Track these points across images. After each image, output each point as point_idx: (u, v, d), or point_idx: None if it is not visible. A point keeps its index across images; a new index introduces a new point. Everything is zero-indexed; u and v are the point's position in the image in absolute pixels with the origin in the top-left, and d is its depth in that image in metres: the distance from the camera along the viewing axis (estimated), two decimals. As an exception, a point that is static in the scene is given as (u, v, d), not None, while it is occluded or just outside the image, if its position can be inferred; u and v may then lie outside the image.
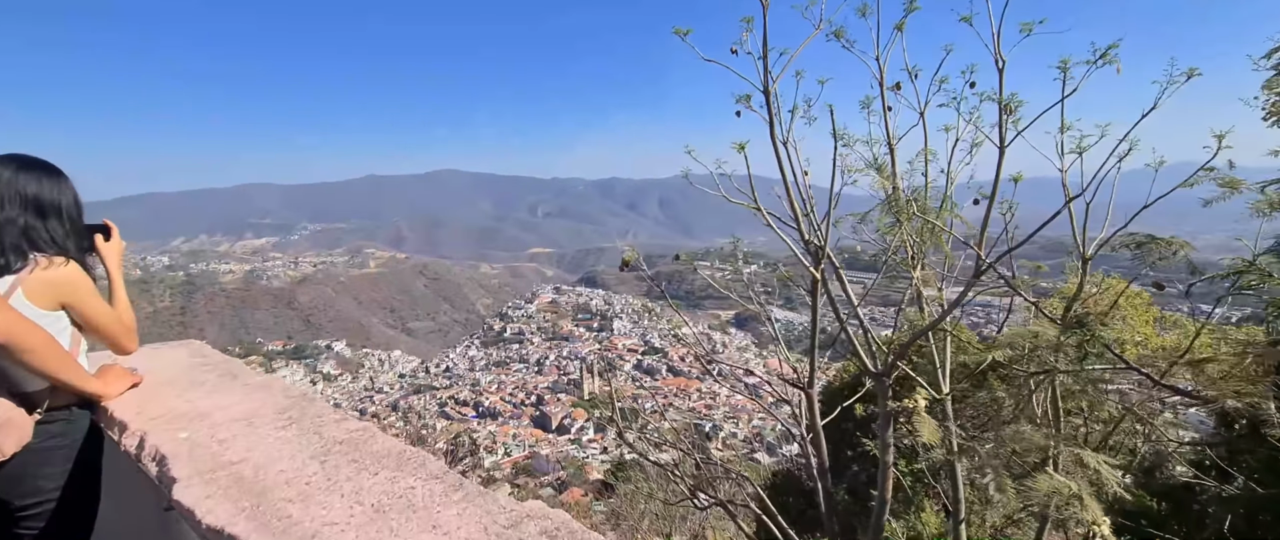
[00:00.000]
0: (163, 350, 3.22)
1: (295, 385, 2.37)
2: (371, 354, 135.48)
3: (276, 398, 2.16)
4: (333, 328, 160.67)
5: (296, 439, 1.80)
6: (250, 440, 1.82)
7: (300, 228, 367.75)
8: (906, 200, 2.59)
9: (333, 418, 1.96)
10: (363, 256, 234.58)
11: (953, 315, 3.41)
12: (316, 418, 1.96)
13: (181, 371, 2.66)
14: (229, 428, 1.92)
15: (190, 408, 2.13)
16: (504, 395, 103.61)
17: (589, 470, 70.76)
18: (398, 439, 1.81)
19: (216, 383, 2.44)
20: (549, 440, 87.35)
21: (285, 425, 1.91)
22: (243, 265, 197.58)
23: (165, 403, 2.21)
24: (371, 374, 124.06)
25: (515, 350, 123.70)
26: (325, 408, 2.02)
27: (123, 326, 2.36)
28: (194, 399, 2.23)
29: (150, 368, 2.67)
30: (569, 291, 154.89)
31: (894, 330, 4.51)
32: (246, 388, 2.32)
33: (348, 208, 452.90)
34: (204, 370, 2.66)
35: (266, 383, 2.38)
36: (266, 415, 1.99)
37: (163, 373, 2.64)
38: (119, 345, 2.33)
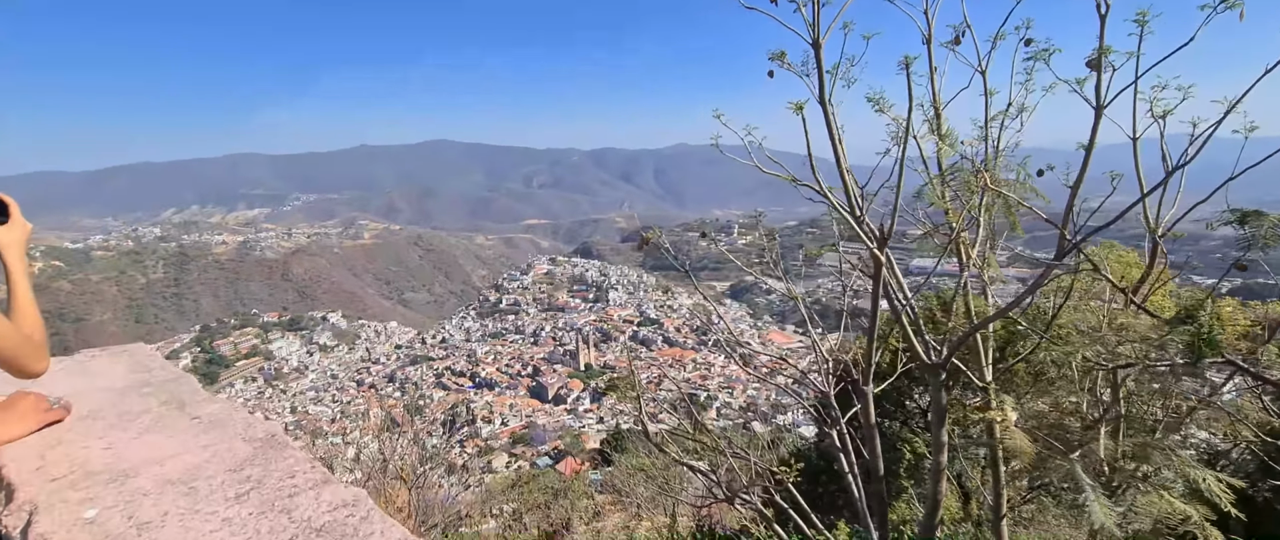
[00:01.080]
0: (97, 361, 2.51)
1: (257, 421, 1.79)
2: (367, 325, 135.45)
3: (233, 444, 1.61)
4: (328, 299, 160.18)
5: (254, 520, 1.29)
6: (186, 524, 1.29)
7: (292, 198, 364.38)
8: (975, 170, 2.31)
9: (310, 479, 1.44)
10: (356, 228, 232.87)
11: (991, 297, 3.27)
12: (287, 479, 1.43)
13: (112, 397, 2.03)
14: (160, 499, 1.36)
15: (111, 460, 1.56)
16: (500, 366, 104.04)
17: (585, 439, 71.66)
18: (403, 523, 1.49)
19: (156, 416, 1.84)
20: (545, 410, 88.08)
21: (241, 494, 1.37)
22: (235, 236, 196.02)
23: (78, 450, 1.63)
24: (368, 345, 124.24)
25: (511, 321, 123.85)
26: (300, 459, 1.52)
27: (24, 342, 1.66)
28: (120, 444, 1.64)
29: (74, 389, 2.08)
30: (564, 262, 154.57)
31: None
32: (194, 425, 1.74)
33: (339, 178, 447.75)
34: (143, 394, 2.03)
35: (222, 416, 1.81)
36: (216, 474, 1.46)
37: (88, 398, 2.02)
38: (21, 367, 1.66)
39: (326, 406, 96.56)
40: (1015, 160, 2.32)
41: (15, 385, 1.97)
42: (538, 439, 75.22)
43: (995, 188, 2.23)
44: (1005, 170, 2.28)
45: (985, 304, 3.12)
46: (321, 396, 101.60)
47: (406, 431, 17.80)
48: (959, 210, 2.46)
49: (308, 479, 1.43)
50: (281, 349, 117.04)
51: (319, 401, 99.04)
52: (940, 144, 2.33)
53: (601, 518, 6.63)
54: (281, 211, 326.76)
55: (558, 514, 8.28)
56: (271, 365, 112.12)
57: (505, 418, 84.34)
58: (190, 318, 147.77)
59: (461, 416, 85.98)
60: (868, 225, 2.40)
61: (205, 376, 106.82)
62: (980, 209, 2.40)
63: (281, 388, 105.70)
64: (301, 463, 1.49)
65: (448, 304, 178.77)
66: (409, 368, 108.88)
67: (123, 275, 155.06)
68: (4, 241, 1.83)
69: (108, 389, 2.08)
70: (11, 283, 1.78)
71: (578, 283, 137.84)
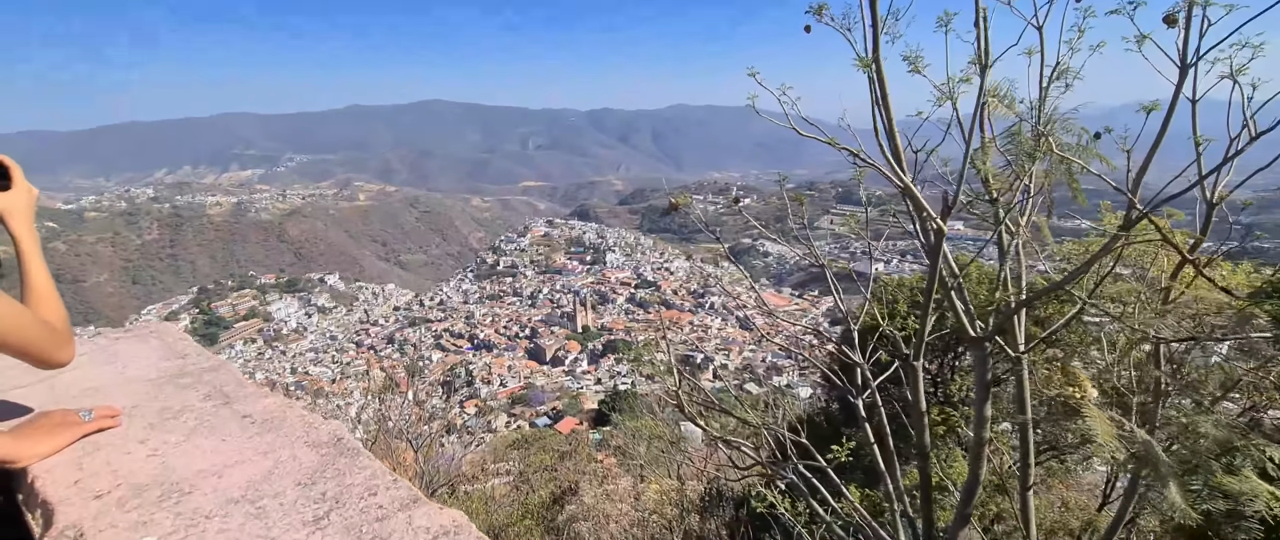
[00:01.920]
0: (123, 344, 2.17)
1: (318, 420, 1.56)
2: (365, 287, 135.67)
3: (296, 450, 1.38)
4: (325, 261, 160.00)
5: (342, 544, 1.09)
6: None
7: (286, 159, 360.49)
8: (1038, 133, 2.16)
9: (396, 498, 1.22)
10: (351, 189, 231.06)
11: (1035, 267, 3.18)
12: (368, 497, 1.22)
13: (148, 390, 1.75)
14: (226, 522, 1.17)
15: (160, 470, 1.32)
16: (498, 328, 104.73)
17: (584, 400, 72.72)
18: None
19: (201, 414, 1.58)
20: (543, 372, 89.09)
21: (319, 518, 1.17)
22: (229, 198, 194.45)
23: (120, 457, 1.39)
24: (366, 307, 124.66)
25: (509, 283, 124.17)
26: (378, 471, 1.31)
27: (44, 330, 1.41)
28: (166, 449, 1.41)
29: (102, 381, 1.83)
30: (562, 225, 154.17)
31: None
32: (247, 425, 1.50)
33: (333, 139, 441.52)
34: (181, 386, 1.76)
35: (276, 415, 1.56)
36: (285, 490, 1.24)
37: (120, 391, 1.74)
38: (44, 357, 1.41)
39: (327, 368, 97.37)
40: (1066, 122, 2.18)
41: (36, 376, 1.80)
42: (536, 400, 76.26)
43: (1060, 153, 2.11)
44: (1062, 132, 2.15)
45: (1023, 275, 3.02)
46: (321, 358, 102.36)
47: (407, 392, 17.96)
48: (1008, 176, 2.34)
49: (393, 498, 1.22)
50: (280, 311, 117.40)
51: (319, 363, 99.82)
52: (998, 105, 2.19)
53: (610, 480, 6.71)
54: (275, 172, 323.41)
55: (565, 476, 8.38)
56: (270, 327, 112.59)
57: (504, 379, 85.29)
58: (187, 279, 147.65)
59: (461, 377, 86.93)
60: (914, 193, 2.28)
61: (205, 338, 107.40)
62: (1029, 175, 2.28)
63: (281, 349, 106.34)
64: (381, 475, 1.29)
65: (445, 266, 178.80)
66: (407, 329, 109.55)
67: (117, 237, 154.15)
68: (6, 208, 1.58)
69: (141, 379, 1.83)
70: (24, 260, 1.53)
71: (575, 245, 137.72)
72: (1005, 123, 2.30)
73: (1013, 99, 2.23)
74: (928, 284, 2.27)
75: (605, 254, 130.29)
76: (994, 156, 2.35)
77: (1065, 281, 2.09)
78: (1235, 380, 2.41)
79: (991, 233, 2.39)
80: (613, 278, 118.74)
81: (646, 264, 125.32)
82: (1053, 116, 2.13)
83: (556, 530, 6.06)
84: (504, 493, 9.85)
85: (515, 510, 6.62)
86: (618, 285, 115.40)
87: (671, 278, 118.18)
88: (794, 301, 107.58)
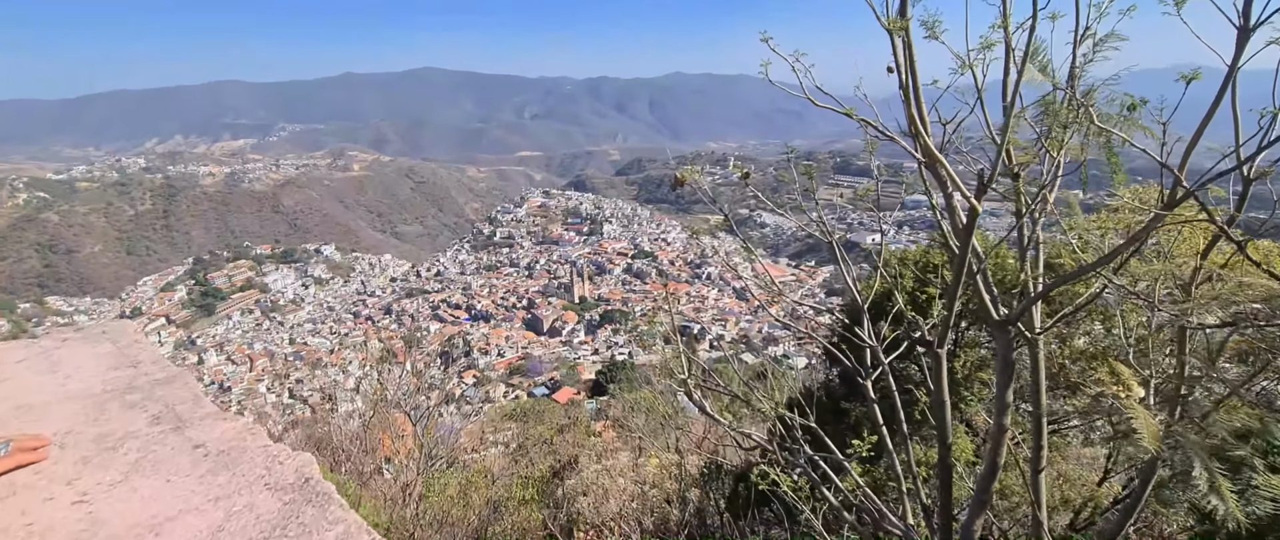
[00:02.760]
0: (68, 348, 1.87)
1: (283, 452, 1.32)
2: (361, 258, 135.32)
3: (255, 495, 1.10)
4: (320, 231, 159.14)
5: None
6: None
7: (278, 129, 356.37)
8: (1077, 102, 1.99)
9: None
10: (346, 159, 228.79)
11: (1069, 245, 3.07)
12: None
13: (88, 410, 1.46)
14: None
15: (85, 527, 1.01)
16: (495, 299, 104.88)
17: (581, 370, 73.30)
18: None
19: (147, 442, 1.29)
20: (541, 342, 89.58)
21: None
22: (222, 167, 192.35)
23: (38, 505, 1.10)
24: (363, 278, 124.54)
25: (505, 254, 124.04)
26: (352, 525, 1.08)
27: None
28: (98, 493, 1.11)
29: (32, 399, 1.52)
30: (558, 195, 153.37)
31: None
32: (198, 459, 1.21)
33: (325, 108, 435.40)
34: (128, 404, 1.48)
35: (234, 445, 1.29)
36: None
37: (55, 412, 1.45)
38: None
39: (325, 338, 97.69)
40: (1107, 91, 2.03)
41: None
42: (534, 370, 76.88)
43: (1100, 125, 1.97)
44: (1103, 102, 2.00)
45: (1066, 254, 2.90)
46: (319, 329, 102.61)
47: (405, 363, 17.95)
48: (1034, 148, 2.20)
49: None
50: (276, 282, 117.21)
51: (317, 333, 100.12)
52: (1035, 73, 2.04)
53: (610, 455, 6.72)
54: (267, 142, 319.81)
55: (565, 450, 8.40)
56: (267, 298, 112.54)
57: (501, 349, 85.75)
58: (182, 250, 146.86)
59: (459, 348, 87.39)
60: (945, 167, 2.15)
61: (201, 309, 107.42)
62: (1061, 149, 2.14)
63: (279, 320, 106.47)
64: (356, 531, 1.05)
65: (441, 237, 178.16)
66: (405, 300, 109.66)
67: (110, 207, 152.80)
68: None
69: (83, 395, 1.52)
70: None
71: (572, 215, 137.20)
72: (1034, 93, 2.16)
73: (1048, 63, 2.07)
74: (956, 267, 2.16)
75: (602, 225, 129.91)
76: (1023, 129, 2.21)
77: (1101, 263, 1.98)
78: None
79: (1020, 213, 2.27)
80: (610, 248, 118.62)
81: (643, 235, 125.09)
82: (1093, 86, 1.98)
83: (556, 504, 6.08)
84: (503, 464, 9.91)
85: (515, 483, 6.63)
86: (615, 256, 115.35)
87: (668, 248, 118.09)
88: (791, 272, 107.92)
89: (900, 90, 2.15)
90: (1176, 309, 2.18)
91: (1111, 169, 2.22)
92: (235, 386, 79.03)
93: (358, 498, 6.77)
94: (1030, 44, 1.98)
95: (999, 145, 1.97)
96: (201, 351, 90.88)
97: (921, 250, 6.83)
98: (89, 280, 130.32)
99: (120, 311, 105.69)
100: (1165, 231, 2.34)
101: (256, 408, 71.16)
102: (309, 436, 14.98)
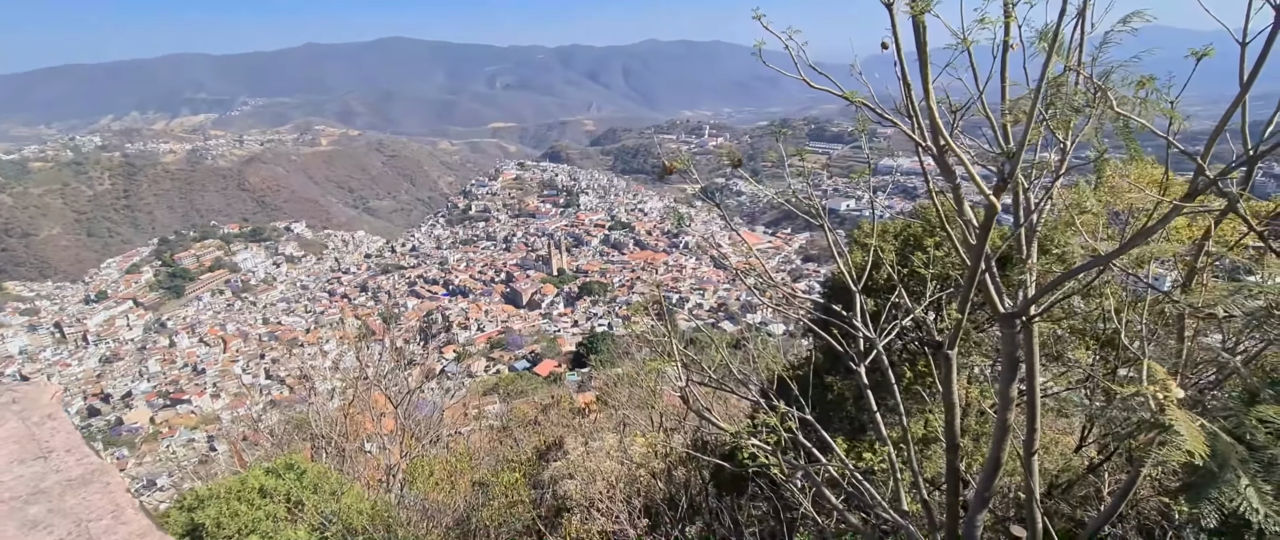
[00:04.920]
0: None
1: None
2: (334, 235, 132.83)
3: None
4: (289, 208, 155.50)
5: None
6: None
7: (240, 103, 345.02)
8: (1095, 85, 1.88)
9: None
10: (313, 133, 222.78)
11: None
12: None
13: None
14: None
15: None
16: (473, 273, 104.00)
17: (562, 342, 73.40)
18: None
19: None
20: (521, 315, 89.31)
21: None
22: (183, 144, 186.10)
23: None
24: (336, 255, 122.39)
25: (481, 228, 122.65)
26: None
27: None
28: None
29: None
30: (533, 167, 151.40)
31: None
32: None
33: (289, 81, 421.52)
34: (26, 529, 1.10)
35: None
36: None
37: None
38: None
39: (299, 317, 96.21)
40: (1124, 71, 1.93)
41: None
42: (514, 343, 76.78)
43: (1117, 110, 1.88)
44: (1119, 84, 1.91)
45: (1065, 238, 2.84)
46: (293, 308, 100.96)
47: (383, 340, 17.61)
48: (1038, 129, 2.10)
49: None
50: (246, 261, 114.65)
51: (291, 312, 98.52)
52: (1041, 48, 1.92)
53: (596, 435, 6.70)
54: (229, 117, 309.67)
55: (549, 430, 8.36)
56: (237, 278, 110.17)
57: (481, 323, 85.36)
58: (146, 230, 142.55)
59: (437, 323, 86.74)
60: (954, 150, 2.05)
61: (170, 290, 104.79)
62: (1069, 132, 2.05)
63: (251, 300, 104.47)
64: None
65: (415, 212, 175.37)
66: (380, 277, 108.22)
67: (67, 187, 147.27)
68: None
69: None
70: None
71: (548, 188, 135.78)
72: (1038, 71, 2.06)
73: (1061, 42, 1.96)
74: (971, 265, 2.09)
75: (578, 196, 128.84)
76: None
77: (1114, 255, 1.93)
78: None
79: (1017, 202, 2.20)
80: (587, 220, 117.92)
81: (620, 206, 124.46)
82: (1110, 68, 1.89)
83: (541, 486, 6.06)
84: (486, 446, 9.86)
85: (501, 469, 6.58)
86: (592, 227, 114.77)
87: (645, 218, 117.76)
88: (768, 239, 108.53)
89: (897, 73, 2.05)
90: (1194, 300, 2.15)
91: (1130, 155, 2.15)
92: (210, 368, 77.68)
93: (340, 486, 6.68)
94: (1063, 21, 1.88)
95: (1024, 136, 1.88)
96: (173, 334, 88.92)
97: (902, 223, 6.81)
98: (49, 264, 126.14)
99: (85, 295, 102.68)
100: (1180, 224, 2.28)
101: (232, 389, 70.22)
102: (288, 420, 14.78)
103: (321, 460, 8.41)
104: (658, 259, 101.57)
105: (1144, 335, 2.56)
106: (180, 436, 59.34)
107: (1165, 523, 4.20)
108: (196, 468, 19.02)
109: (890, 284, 5.46)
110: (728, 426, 3.13)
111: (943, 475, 3.54)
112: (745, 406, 7.09)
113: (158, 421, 64.42)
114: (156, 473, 51.37)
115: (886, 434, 3.05)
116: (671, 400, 8.92)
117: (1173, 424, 1.61)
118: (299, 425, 12.77)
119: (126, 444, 59.23)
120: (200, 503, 6.05)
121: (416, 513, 6.51)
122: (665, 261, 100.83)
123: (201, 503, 6.03)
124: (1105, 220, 2.83)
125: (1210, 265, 2.24)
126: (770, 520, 5.61)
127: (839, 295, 6.65)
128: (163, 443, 58.67)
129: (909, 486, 3.13)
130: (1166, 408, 1.64)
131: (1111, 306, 2.70)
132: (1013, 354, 2.23)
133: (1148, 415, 1.67)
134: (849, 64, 2.83)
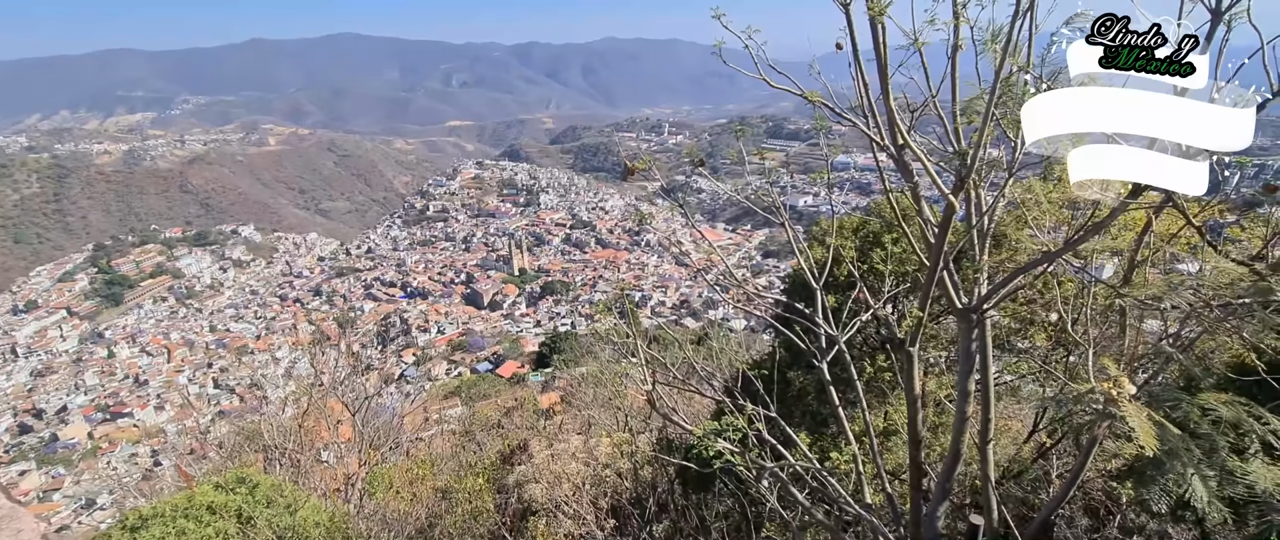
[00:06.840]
0: None
1: None
2: (285, 238, 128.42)
3: None
4: (236, 211, 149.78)
5: None
6: None
7: (180, 101, 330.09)
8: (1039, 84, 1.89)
9: None
10: (260, 133, 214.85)
11: None
12: None
13: None
14: None
15: None
16: (432, 274, 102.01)
17: (524, 343, 72.65)
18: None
19: None
20: (482, 316, 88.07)
21: None
22: (119, 145, 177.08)
23: None
24: (288, 259, 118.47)
25: (440, 228, 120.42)
26: None
27: None
28: None
29: None
30: (492, 166, 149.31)
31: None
32: None
33: (233, 78, 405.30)
34: None
35: None
36: None
37: None
38: None
39: (249, 323, 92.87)
40: None
41: None
42: (476, 345, 75.69)
43: None
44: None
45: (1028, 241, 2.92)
46: (243, 314, 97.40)
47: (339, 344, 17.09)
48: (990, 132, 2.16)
49: None
50: (191, 266, 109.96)
51: (240, 319, 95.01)
52: (993, 51, 1.96)
53: (561, 437, 6.65)
54: (169, 115, 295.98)
55: (514, 434, 8.26)
56: (181, 284, 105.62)
57: (441, 326, 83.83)
58: (79, 236, 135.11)
59: (396, 327, 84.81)
60: (913, 149, 2.08)
61: (107, 298, 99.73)
62: (1020, 130, 2.09)
63: (196, 307, 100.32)
64: None
65: (370, 213, 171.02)
66: (335, 280, 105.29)
67: None
68: None
69: None
70: None
71: (507, 187, 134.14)
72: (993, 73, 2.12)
73: (1015, 45, 2.01)
74: (930, 265, 2.13)
75: (539, 195, 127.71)
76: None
77: (1062, 251, 1.99)
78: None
79: (969, 199, 2.25)
80: (547, 219, 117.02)
81: (581, 204, 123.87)
82: (1058, 68, 1.95)
83: (506, 490, 5.97)
84: (449, 451, 9.67)
85: (465, 474, 6.46)
86: (553, 226, 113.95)
87: (607, 217, 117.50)
88: (728, 236, 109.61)
89: (851, 73, 2.07)
90: (1139, 293, 2.23)
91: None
92: (153, 379, 74.28)
93: (296, 499, 6.45)
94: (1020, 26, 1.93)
95: (979, 136, 1.93)
96: (111, 344, 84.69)
97: (859, 220, 6.97)
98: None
99: (13, 306, 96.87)
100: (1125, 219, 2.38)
101: (178, 401, 67.27)
102: (238, 430, 14.21)
103: (275, 472, 8.12)
104: (620, 257, 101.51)
105: (1088, 324, 2.68)
106: (122, 452, 56.65)
107: (1110, 503, 4.39)
108: (140, 484, 18.16)
109: (851, 280, 5.57)
110: (694, 430, 3.13)
111: (904, 467, 3.62)
112: (710, 403, 7.15)
113: (97, 436, 61.28)
114: (96, 491, 48.87)
115: (849, 428, 3.10)
116: (637, 398, 8.92)
117: (1126, 418, 1.68)
118: (250, 436, 12.28)
119: (62, 461, 56.24)
120: (144, 522, 5.76)
121: (377, 523, 6.35)
122: (628, 259, 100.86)
123: (145, 522, 5.75)
124: (1058, 212, 2.93)
125: (1150, 258, 2.35)
126: (737, 516, 5.66)
127: (800, 292, 6.77)
128: (102, 459, 55.92)
129: (872, 479, 3.19)
130: (1120, 403, 1.70)
131: (1058, 297, 2.81)
132: (970, 348, 2.29)
133: (1100, 408, 1.73)
134: (807, 63, 2.86)
